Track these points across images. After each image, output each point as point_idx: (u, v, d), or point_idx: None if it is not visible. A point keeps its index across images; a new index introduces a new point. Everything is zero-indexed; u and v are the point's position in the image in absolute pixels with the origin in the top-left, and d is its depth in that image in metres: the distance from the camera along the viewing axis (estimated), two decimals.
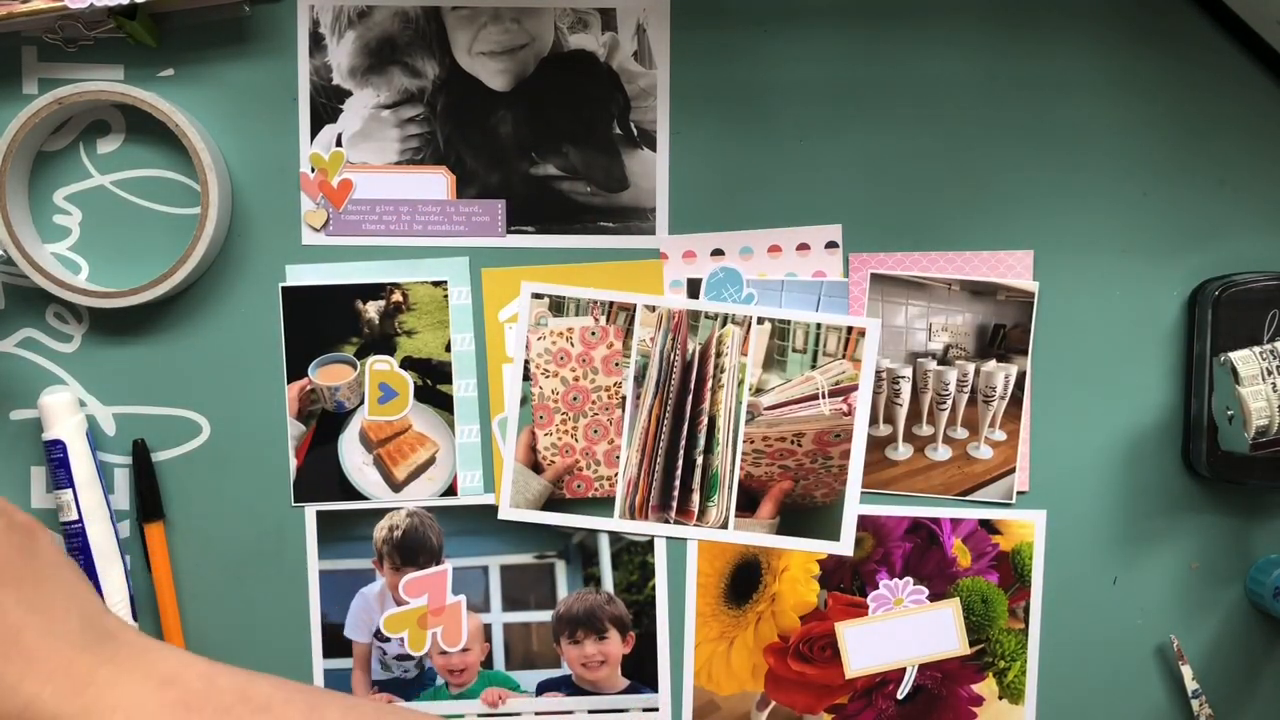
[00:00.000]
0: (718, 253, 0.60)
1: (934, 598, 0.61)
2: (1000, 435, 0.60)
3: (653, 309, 0.60)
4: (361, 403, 0.60)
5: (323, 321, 0.60)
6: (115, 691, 0.44)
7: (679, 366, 0.60)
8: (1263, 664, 0.63)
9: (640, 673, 0.62)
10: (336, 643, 0.61)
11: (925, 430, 0.60)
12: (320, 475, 0.60)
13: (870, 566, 0.61)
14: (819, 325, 0.60)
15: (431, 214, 0.59)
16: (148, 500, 0.59)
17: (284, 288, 0.60)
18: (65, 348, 0.60)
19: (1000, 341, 0.60)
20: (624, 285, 0.60)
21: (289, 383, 0.60)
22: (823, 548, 0.61)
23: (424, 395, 0.60)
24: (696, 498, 0.60)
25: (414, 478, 0.61)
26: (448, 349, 0.60)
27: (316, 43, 0.58)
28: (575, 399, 0.60)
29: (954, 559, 0.61)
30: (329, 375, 0.60)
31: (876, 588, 0.61)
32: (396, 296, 0.60)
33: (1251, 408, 0.55)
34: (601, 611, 0.61)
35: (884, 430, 0.60)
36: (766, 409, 0.60)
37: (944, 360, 0.60)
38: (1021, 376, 0.60)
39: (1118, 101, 0.60)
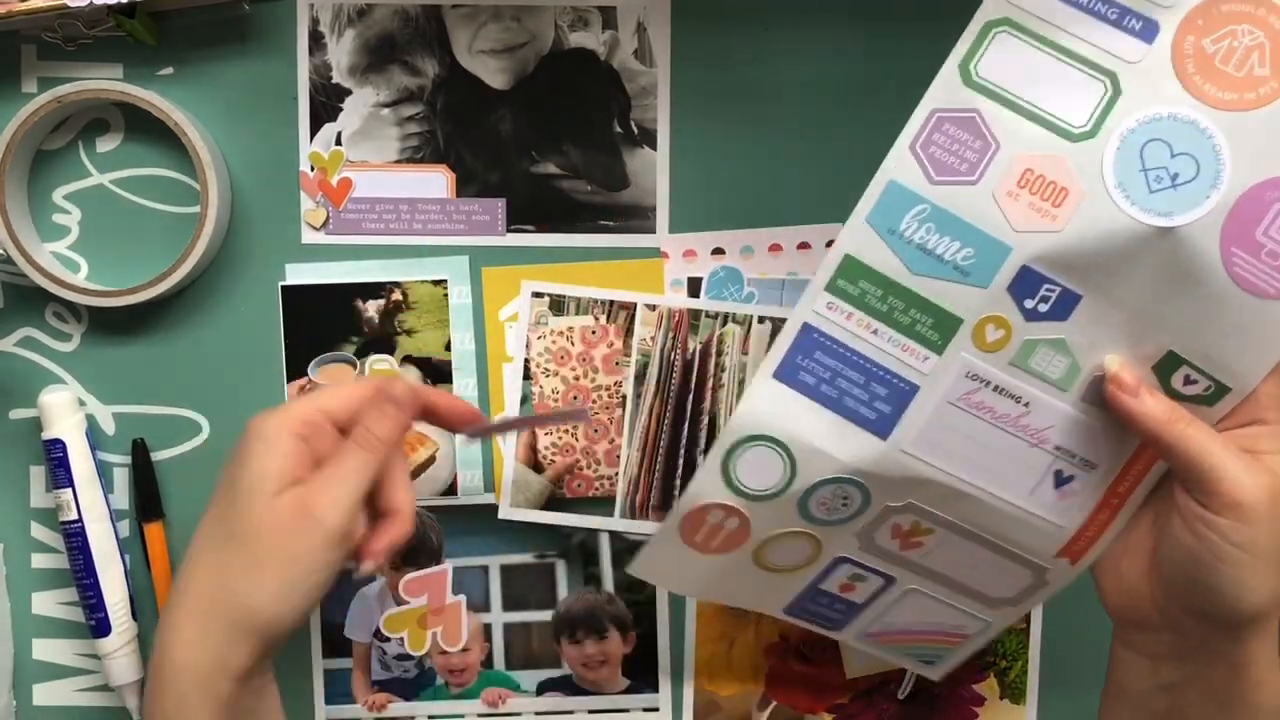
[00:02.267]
0: (718, 251, 0.60)
1: None
2: None
3: (653, 308, 0.60)
4: None
5: (322, 320, 0.60)
6: None
7: (680, 366, 0.60)
8: None
9: (641, 673, 0.62)
10: (336, 642, 0.61)
11: None
12: None
13: None
14: None
15: (431, 213, 0.59)
16: (147, 499, 0.59)
17: (283, 286, 0.59)
18: (64, 347, 0.60)
19: None
20: (624, 284, 0.59)
21: (289, 382, 0.60)
22: None
23: None
24: None
25: (414, 477, 0.60)
26: (448, 348, 0.60)
27: (316, 41, 0.58)
28: (576, 398, 0.60)
29: None
30: (329, 374, 0.60)
31: None
32: (396, 295, 0.60)
33: None
34: (602, 611, 0.61)
35: None
36: None
37: None
38: None
39: None
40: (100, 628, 0.58)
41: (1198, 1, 0.41)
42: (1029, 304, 0.43)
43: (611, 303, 0.59)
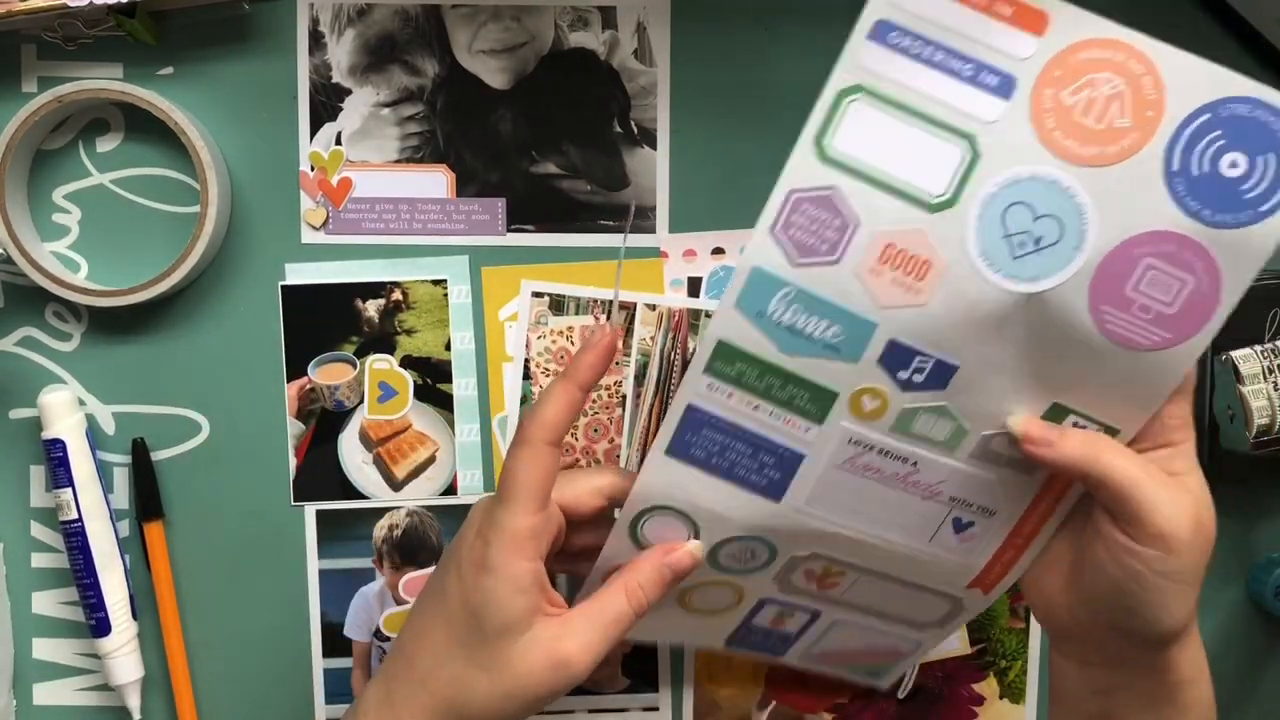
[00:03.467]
0: (718, 251, 0.60)
1: None
2: None
3: (653, 308, 0.60)
4: (361, 402, 0.60)
5: (322, 320, 0.60)
6: None
7: (679, 365, 0.60)
8: (1263, 664, 0.63)
9: (640, 672, 0.62)
10: (336, 642, 0.61)
11: None
12: (320, 474, 0.60)
13: None
14: None
15: (431, 212, 0.59)
16: (147, 499, 0.59)
17: (283, 286, 0.59)
18: (64, 346, 0.60)
19: None
20: (624, 284, 0.59)
21: (288, 381, 0.60)
22: None
23: (424, 394, 0.60)
24: None
25: (414, 477, 0.60)
26: (447, 348, 0.60)
27: (316, 41, 0.58)
28: None
29: None
30: (328, 374, 0.60)
31: None
32: (396, 295, 0.60)
33: (1253, 406, 0.55)
34: None
35: None
36: None
37: None
38: None
39: None
40: (100, 627, 0.58)
41: (1055, 51, 0.39)
42: (903, 375, 0.42)
43: (611, 302, 0.59)
